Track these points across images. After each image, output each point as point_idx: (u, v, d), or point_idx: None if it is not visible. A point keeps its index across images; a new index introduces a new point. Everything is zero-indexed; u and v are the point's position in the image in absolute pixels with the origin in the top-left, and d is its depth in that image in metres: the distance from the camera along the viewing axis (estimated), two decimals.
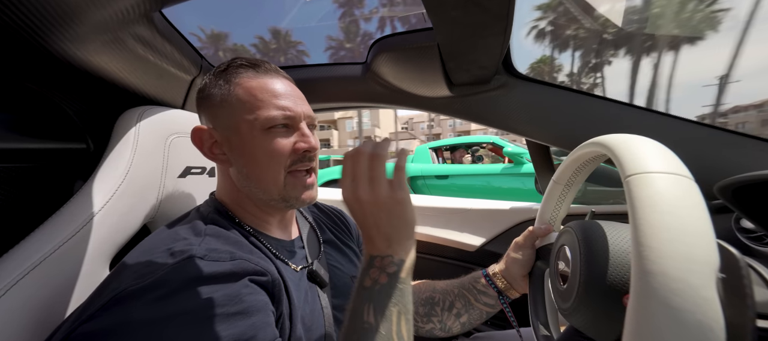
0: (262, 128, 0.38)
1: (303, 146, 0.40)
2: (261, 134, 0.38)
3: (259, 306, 0.30)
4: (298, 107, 0.41)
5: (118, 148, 0.46)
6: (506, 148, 2.94)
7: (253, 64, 0.41)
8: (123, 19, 0.38)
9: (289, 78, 0.44)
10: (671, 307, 0.17)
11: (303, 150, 0.40)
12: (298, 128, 0.41)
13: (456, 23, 0.43)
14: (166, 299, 0.27)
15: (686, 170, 0.22)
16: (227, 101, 0.39)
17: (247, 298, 0.29)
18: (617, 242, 0.29)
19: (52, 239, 0.37)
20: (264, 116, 0.38)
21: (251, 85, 0.39)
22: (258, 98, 0.39)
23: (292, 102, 0.41)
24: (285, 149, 0.39)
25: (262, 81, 0.40)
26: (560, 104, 0.60)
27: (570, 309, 0.31)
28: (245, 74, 0.40)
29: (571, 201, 0.46)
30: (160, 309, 0.26)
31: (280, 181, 0.39)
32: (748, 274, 0.21)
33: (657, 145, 0.25)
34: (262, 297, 0.31)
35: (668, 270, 0.18)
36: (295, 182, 0.40)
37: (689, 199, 0.20)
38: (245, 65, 0.41)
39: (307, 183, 0.41)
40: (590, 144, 0.33)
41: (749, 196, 0.30)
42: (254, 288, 0.31)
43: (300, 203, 0.41)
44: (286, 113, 0.39)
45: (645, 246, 0.19)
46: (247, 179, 0.40)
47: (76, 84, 0.47)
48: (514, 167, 2.82)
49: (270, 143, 0.38)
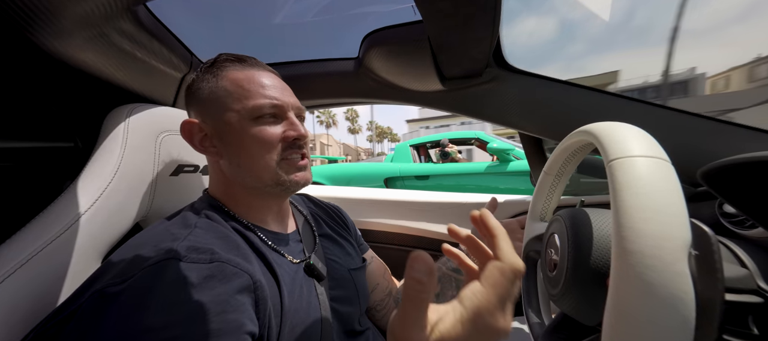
0: (251, 117, 0.39)
1: (292, 134, 0.40)
2: (250, 124, 0.39)
3: (231, 328, 0.28)
4: (286, 98, 0.41)
5: (106, 146, 0.46)
6: (491, 144, 2.56)
7: (239, 58, 0.42)
8: (105, 14, 0.38)
9: (275, 72, 0.45)
10: (646, 282, 0.18)
11: (292, 138, 0.40)
12: (287, 117, 0.41)
13: (444, 15, 0.43)
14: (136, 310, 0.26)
15: (663, 153, 0.23)
16: (215, 93, 0.40)
17: (217, 318, 0.28)
18: (601, 228, 0.30)
19: (40, 237, 0.37)
20: (252, 105, 0.39)
21: (238, 76, 0.40)
22: (245, 89, 0.39)
23: (279, 92, 0.41)
24: (274, 137, 0.39)
25: (249, 73, 0.41)
26: (551, 95, 0.60)
27: (558, 294, 0.31)
28: (232, 67, 0.41)
29: (562, 192, 0.46)
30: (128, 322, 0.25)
31: (273, 168, 0.40)
32: (719, 250, 0.22)
33: (637, 130, 0.25)
34: (236, 315, 0.29)
35: (644, 248, 0.18)
36: (287, 166, 0.40)
37: (665, 181, 0.20)
38: (231, 59, 0.42)
39: (300, 164, 0.42)
40: (577, 133, 0.33)
41: (728, 180, 0.31)
42: (229, 303, 0.29)
43: (294, 185, 0.41)
44: (273, 102, 0.40)
45: (624, 227, 0.19)
46: (238, 169, 0.40)
47: (63, 81, 0.46)
48: (500, 165, 2.50)
49: (259, 131, 0.39)
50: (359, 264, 0.52)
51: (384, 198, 0.89)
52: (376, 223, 0.87)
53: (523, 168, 2.39)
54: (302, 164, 0.42)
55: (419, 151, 3.14)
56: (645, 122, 0.54)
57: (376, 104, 0.78)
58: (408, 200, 0.87)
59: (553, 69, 68.45)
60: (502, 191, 2.44)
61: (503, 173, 2.47)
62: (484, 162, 2.63)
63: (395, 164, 2.93)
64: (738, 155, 0.29)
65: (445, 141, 3.01)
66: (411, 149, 3.02)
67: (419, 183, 2.74)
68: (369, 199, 0.90)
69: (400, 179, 2.82)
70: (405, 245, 0.85)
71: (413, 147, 3.07)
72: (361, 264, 0.53)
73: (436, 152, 3.06)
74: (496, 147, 2.50)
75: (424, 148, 3.21)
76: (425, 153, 3.25)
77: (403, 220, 0.85)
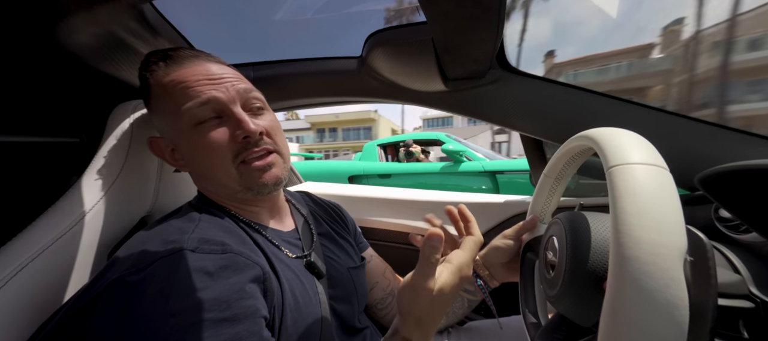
0: (191, 125, 0.35)
1: (239, 133, 0.36)
2: (193, 134, 0.35)
3: (248, 313, 0.29)
4: (221, 91, 0.36)
5: (112, 142, 0.46)
6: (445, 146, 2.70)
7: (164, 56, 0.37)
8: (113, 11, 0.38)
9: (214, 58, 0.39)
10: (643, 288, 0.18)
11: (241, 138, 0.36)
12: (231, 113, 0.36)
13: (449, 17, 0.43)
14: (160, 296, 0.27)
15: (662, 161, 0.23)
16: (154, 106, 0.38)
17: (236, 304, 0.29)
18: (599, 232, 0.30)
19: (49, 232, 0.37)
20: (185, 111, 0.35)
21: (165, 81, 0.36)
22: (176, 96, 0.35)
23: (213, 87, 0.36)
24: (221, 142, 0.35)
25: (176, 74, 0.36)
26: (553, 98, 0.61)
27: (556, 296, 0.32)
28: (157, 70, 0.36)
29: (561, 194, 0.47)
30: (153, 307, 0.26)
31: (233, 174, 0.36)
32: (713, 257, 0.22)
33: (637, 137, 0.26)
34: (252, 301, 0.30)
35: (641, 254, 0.19)
36: (249, 170, 0.37)
37: (663, 189, 0.21)
38: (156, 60, 0.37)
39: (261, 165, 0.37)
40: (578, 138, 0.34)
41: (725, 186, 0.32)
42: (244, 291, 0.30)
43: (264, 188, 0.38)
44: (203, 99, 0.35)
45: (622, 234, 0.20)
46: (205, 180, 0.39)
47: (68, 77, 0.47)
48: (453, 165, 2.62)
49: (204, 140, 0.35)
50: (358, 262, 0.52)
51: (384, 196, 0.90)
52: (376, 221, 0.88)
53: (473, 169, 2.56)
54: (264, 164, 0.37)
55: (386, 150, 3.32)
56: (644, 126, 0.54)
57: (378, 103, 0.79)
58: (408, 199, 0.87)
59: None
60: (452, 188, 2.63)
61: (455, 173, 2.61)
62: (439, 163, 2.77)
63: (361, 162, 3.06)
64: (736, 162, 0.30)
65: (410, 141, 3.14)
66: (378, 149, 3.16)
67: (382, 181, 2.91)
68: (369, 197, 0.91)
69: (365, 177, 2.96)
70: (405, 243, 0.86)
71: (380, 147, 3.21)
72: (360, 263, 0.53)
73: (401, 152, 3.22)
74: (451, 149, 2.64)
75: (391, 147, 3.39)
76: (392, 152, 3.42)
77: (402, 219, 0.86)
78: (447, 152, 2.69)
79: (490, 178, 2.51)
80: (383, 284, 0.59)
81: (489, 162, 2.54)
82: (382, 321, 0.58)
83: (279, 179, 0.39)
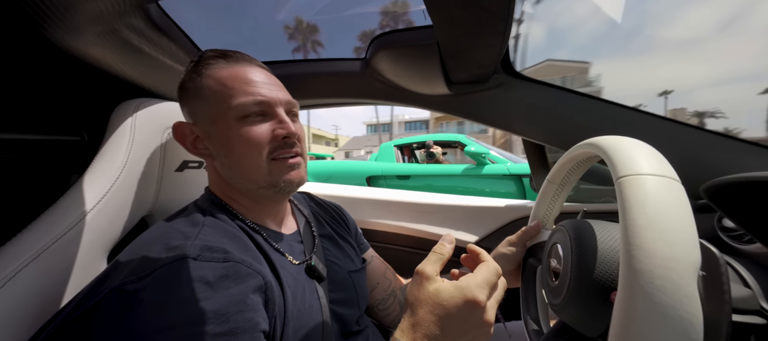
0: (237, 117, 0.37)
1: (281, 131, 0.38)
2: (236, 124, 0.37)
3: (247, 327, 0.29)
4: (273, 93, 0.39)
5: (114, 140, 0.46)
6: (468, 147, 2.64)
7: (224, 54, 0.40)
8: (118, 10, 0.38)
9: (264, 67, 0.43)
10: (655, 303, 0.18)
11: (282, 137, 0.39)
12: (276, 114, 0.39)
13: (456, 23, 0.43)
14: (159, 307, 0.27)
15: (673, 173, 0.23)
16: (201, 93, 0.39)
17: (234, 318, 0.28)
18: (606, 241, 0.30)
19: (49, 232, 0.37)
20: (236, 104, 0.37)
21: (222, 75, 0.39)
22: (229, 87, 0.38)
23: (266, 89, 0.39)
24: (262, 136, 0.38)
25: (234, 70, 0.39)
26: (556, 104, 0.61)
27: (560, 304, 0.32)
28: (216, 65, 0.39)
29: (564, 200, 0.47)
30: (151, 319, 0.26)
31: (263, 168, 0.38)
32: (727, 272, 0.22)
33: (647, 147, 0.26)
34: (251, 314, 0.30)
35: (654, 268, 0.19)
36: (279, 166, 0.39)
37: (675, 201, 0.21)
38: (215, 56, 0.40)
39: (291, 163, 0.40)
40: (584, 145, 0.34)
41: (730, 197, 0.32)
42: (245, 303, 0.30)
43: (289, 185, 0.40)
44: (258, 99, 0.38)
45: (634, 246, 0.20)
46: (231, 171, 0.39)
47: (70, 75, 0.46)
48: (476, 167, 2.56)
49: (246, 132, 0.37)
50: (359, 265, 0.52)
51: (385, 199, 0.90)
52: (377, 223, 0.88)
53: (497, 172, 2.50)
54: (294, 163, 0.40)
55: (403, 151, 3.23)
56: (650, 135, 0.54)
57: (381, 104, 0.79)
58: (410, 201, 0.87)
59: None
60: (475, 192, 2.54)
61: (479, 175, 2.55)
62: (461, 165, 2.71)
63: (378, 163, 2.98)
64: (741, 174, 0.30)
65: (430, 142, 3.08)
66: (395, 149, 3.07)
67: (401, 183, 2.83)
68: (371, 199, 0.91)
69: (383, 179, 2.89)
70: (405, 245, 0.86)
71: (397, 147, 3.13)
72: (361, 265, 0.53)
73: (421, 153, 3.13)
74: (473, 151, 2.58)
75: (408, 148, 3.29)
76: (409, 153, 3.33)
77: (404, 221, 0.85)
78: (470, 154, 2.61)
79: (515, 181, 2.42)
80: (384, 285, 0.59)
81: (514, 165, 2.46)
82: (383, 322, 0.58)
83: (302, 180, 0.42)
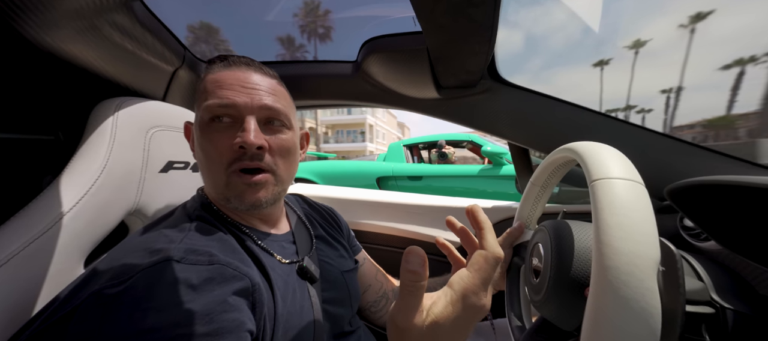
0: (205, 120, 0.36)
1: (237, 141, 0.35)
2: (205, 128, 0.36)
3: (231, 327, 0.28)
4: (242, 98, 0.36)
5: (93, 140, 0.44)
6: (485, 147, 2.52)
7: (224, 58, 0.39)
8: (99, 6, 0.36)
9: (269, 73, 0.41)
10: (621, 297, 0.20)
11: (237, 146, 0.35)
12: (243, 120, 0.36)
13: (444, 30, 0.45)
14: (139, 310, 0.26)
15: (639, 176, 0.25)
16: (197, 95, 0.39)
17: (218, 318, 0.28)
18: (582, 240, 0.32)
19: (21, 236, 0.35)
20: (205, 106, 0.36)
21: (214, 77, 0.38)
22: (209, 90, 0.36)
23: (235, 92, 0.36)
24: (221, 144, 0.35)
25: (224, 74, 0.37)
26: (539, 109, 0.64)
27: (541, 301, 0.34)
28: (213, 67, 0.39)
29: (546, 201, 0.49)
30: (132, 323, 0.25)
31: (222, 180, 0.36)
32: (682, 267, 0.25)
33: (616, 153, 0.28)
34: (235, 314, 0.29)
35: (620, 265, 0.21)
36: (235, 182, 0.36)
37: (639, 203, 0.23)
38: (218, 59, 0.40)
39: (251, 181, 0.36)
40: (563, 150, 0.36)
41: (689, 198, 0.35)
42: (227, 302, 0.29)
43: (242, 204, 0.37)
44: (223, 101, 0.35)
45: (604, 244, 0.22)
46: (202, 175, 0.39)
47: (46, 72, 0.44)
48: (493, 168, 2.46)
49: (208, 136, 0.36)
50: (352, 266, 0.53)
51: (377, 200, 0.90)
52: (369, 224, 0.88)
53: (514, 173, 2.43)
54: (255, 181, 0.36)
55: (412, 151, 3.10)
56: (621, 140, 0.58)
57: (371, 107, 0.79)
58: (400, 202, 0.88)
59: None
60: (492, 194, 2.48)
61: (496, 176, 2.44)
62: (477, 165, 2.61)
63: (388, 163, 2.87)
64: (701, 177, 0.33)
65: (442, 142, 2.99)
66: (404, 149, 2.96)
67: (412, 184, 2.69)
68: (362, 200, 0.91)
69: (393, 179, 2.77)
70: (397, 246, 0.87)
71: (406, 147, 3.01)
72: (354, 266, 0.54)
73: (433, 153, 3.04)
74: (490, 150, 2.47)
75: (417, 148, 3.16)
76: (418, 153, 3.20)
77: (395, 222, 0.86)
78: (487, 154, 2.48)
79: None
80: (376, 286, 0.60)
81: None
82: (375, 323, 0.59)
83: (260, 202, 0.38)
